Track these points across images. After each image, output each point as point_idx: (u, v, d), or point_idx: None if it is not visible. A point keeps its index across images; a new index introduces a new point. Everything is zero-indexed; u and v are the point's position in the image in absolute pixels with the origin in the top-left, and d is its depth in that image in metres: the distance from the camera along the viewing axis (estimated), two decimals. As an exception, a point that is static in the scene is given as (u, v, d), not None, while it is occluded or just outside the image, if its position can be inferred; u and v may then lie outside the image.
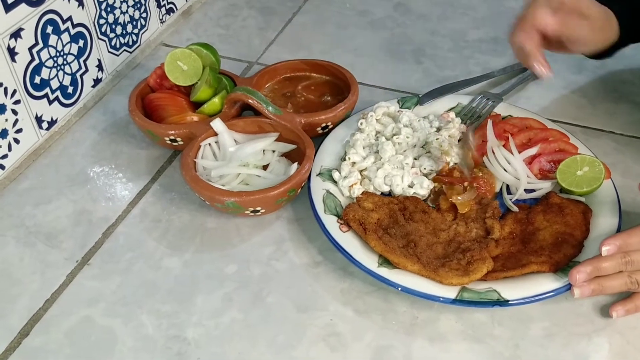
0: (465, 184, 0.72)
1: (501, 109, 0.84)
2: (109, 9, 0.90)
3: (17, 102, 0.77)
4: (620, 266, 0.61)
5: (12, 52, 0.74)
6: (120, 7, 0.92)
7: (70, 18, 0.82)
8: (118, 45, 0.94)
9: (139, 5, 0.96)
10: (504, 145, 0.76)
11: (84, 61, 0.87)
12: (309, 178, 0.73)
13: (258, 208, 0.70)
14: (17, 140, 0.78)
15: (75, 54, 0.85)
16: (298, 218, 0.74)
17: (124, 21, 0.94)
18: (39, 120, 0.81)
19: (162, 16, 1.03)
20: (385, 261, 0.65)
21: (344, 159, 0.76)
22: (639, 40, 0.82)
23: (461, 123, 0.81)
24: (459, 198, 0.70)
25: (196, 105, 0.82)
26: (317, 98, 0.87)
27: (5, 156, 0.77)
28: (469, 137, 0.76)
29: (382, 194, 0.73)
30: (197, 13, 1.12)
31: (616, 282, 0.61)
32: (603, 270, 0.61)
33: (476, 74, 0.94)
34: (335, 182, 0.74)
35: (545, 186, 0.73)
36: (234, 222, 0.73)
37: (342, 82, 0.87)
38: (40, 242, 0.71)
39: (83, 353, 0.61)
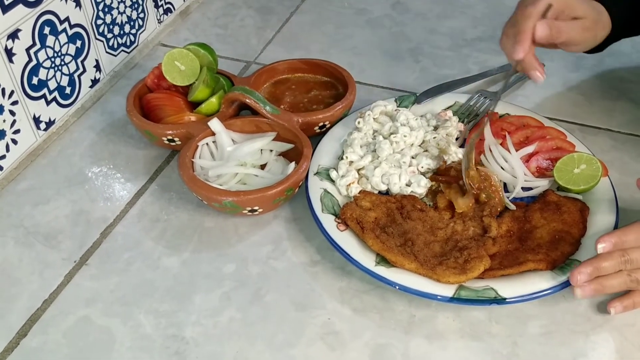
0: (461, 182, 0.72)
1: (498, 107, 0.84)
2: (106, 10, 0.90)
3: (14, 102, 0.77)
4: (620, 265, 0.61)
5: (9, 53, 0.75)
6: (117, 8, 0.92)
7: (67, 19, 0.82)
8: (116, 46, 0.94)
9: (136, 6, 0.96)
10: (501, 144, 0.77)
11: (82, 62, 0.87)
12: (306, 177, 0.73)
13: (256, 207, 0.70)
14: (15, 141, 0.78)
15: (73, 54, 0.85)
16: (296, 217, 0.74)
17: (122, 21, 0.94)
18: (36, 120, 0.81)
19: (160, 16, 1.03)
20: (382, 260, 0.65)
21: (342, 158, 0.76)
22: (631, 33, 0.82)
23: (458, 121, 0.81)
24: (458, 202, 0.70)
25: (194, 105, 0.82)
26: (305, 94, 0.87)
27: (3, 157, 0.77)
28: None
29: (380, 192, 0.73)
30: (195, 13, 1.12)
31: (616, 281, 0.61)
32: (603, 270, 0.61)
33: (474, 73, 0.94)
34: (332, 181, 0.74)
35: (542, 184, 0.73)
36: (231, 222, 0.73)
37: (339, 81, 0.87)
38: (38, 242, 0.71)
39: (81, 353, 0.61)
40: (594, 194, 0.71)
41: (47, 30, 0.79)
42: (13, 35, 0.74)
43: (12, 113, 0.77)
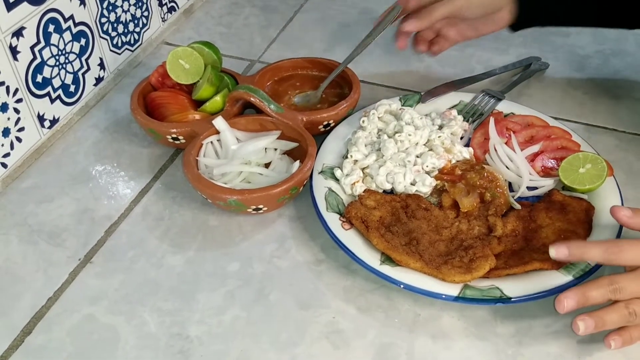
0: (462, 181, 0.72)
1: (503, 107, 0.84)
2: (110, 8, 0.90)
3: (19, 100, 0.77)
4: (608, 294, 0.57)
5: (14, 51, 0.75)
6: (121, 6, 0.92)
7: (72, 17, 0.82)
8: (120, 44, 0.94)
9: (140, 4, 0.96)
10: (506, 143, 0.76)
11: (86, 60, 0.87)
12: (311, 176, 0.73)
13: (260, 206, 0.70)
14: (19, 139, 0.78)
15: (77, 52, 0.85)
16: (300, 216, 0.74)
17: (126, 20, 0.94)
18: (41, 118, 0.81)
19: (164, 15, 1.03)
20: (387, 259, 0.65)
21: (346, 157, 0.75)
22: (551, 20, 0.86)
23: (463, 120, 0.81)
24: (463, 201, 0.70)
25: (198, 104, 0.82)
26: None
27: (7, 155, 0.77)
28: None
29: (384, 191, 0.73)
30: (199, 11, 1.12)
31: (616, 315, 0.57)
32: (591, 298, 0.57)
33: (478, 72, 0.94)
34: (337, 180, 0.74)
35: (547, 184, 0.73)
36: (236, 220, 0.73)
37: (343, 80, 0.87)
38: (42, 240, 0.71)
39: (86, 351, 0.61)
40: (599, 194, 0.71)
41: (51, 28, 0.79)
42: (18, 33, 0.74)
43: (17, 111, 0.77)
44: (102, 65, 0.91)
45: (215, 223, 0.73)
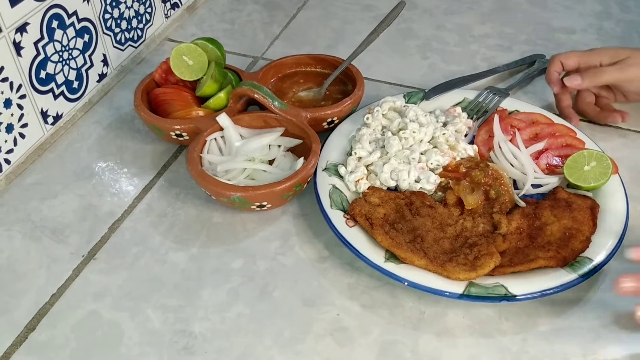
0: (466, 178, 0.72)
1: (508, 104, 0.83)
2: (114, 4, 0.89)
3: (22, 96, 0.77)
4: None
5: (17, 47, 0.74)
6: (125, 2, 0.92)
7: (75, 13, 0.82)
8: (123, 40, 0.94)
9: (143, 0, 0.96)
10: (510, 140, 0.76)
11: (89, 56, 0.87)
12: (315, 173, 0.73)
13: (264, 203, 0.70)
14: (22, 135, 0.78)
15: (81, 48, 0.85)
16: (304, 213, 0.74)
17: (129, 16, 0.94)
18: (44, 115, 0.81)
19: (167, 11, 1.03)
20: (392, 256, 0.64)
21: (350, 154, 0.75)
22: None
23: (468, 118, 0.80)
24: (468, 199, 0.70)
25: (202, 100, 0.82)
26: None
27: (10, 151, 0.77)
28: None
29: (389, 189, 0.73)
30: (202, 8, 1.11)
31: None
32: None
33: (482, 69, 0.94)
34: (341, 177, 0.73)
35: (552, 181, 0.73)
36: (240, 217, 0.73)
37: (347, 77, 0.87)
38: (46, 236, 0.71)
39: (89, 347, 0.61)
40: (604, 192, 0.70)
41: (55, 24, 0.79)
42: (21, 29, 0.74)
43: (20, 107, 0.77)
44: (105, 62, 0.91)
45: (219, 220, 0.73)
